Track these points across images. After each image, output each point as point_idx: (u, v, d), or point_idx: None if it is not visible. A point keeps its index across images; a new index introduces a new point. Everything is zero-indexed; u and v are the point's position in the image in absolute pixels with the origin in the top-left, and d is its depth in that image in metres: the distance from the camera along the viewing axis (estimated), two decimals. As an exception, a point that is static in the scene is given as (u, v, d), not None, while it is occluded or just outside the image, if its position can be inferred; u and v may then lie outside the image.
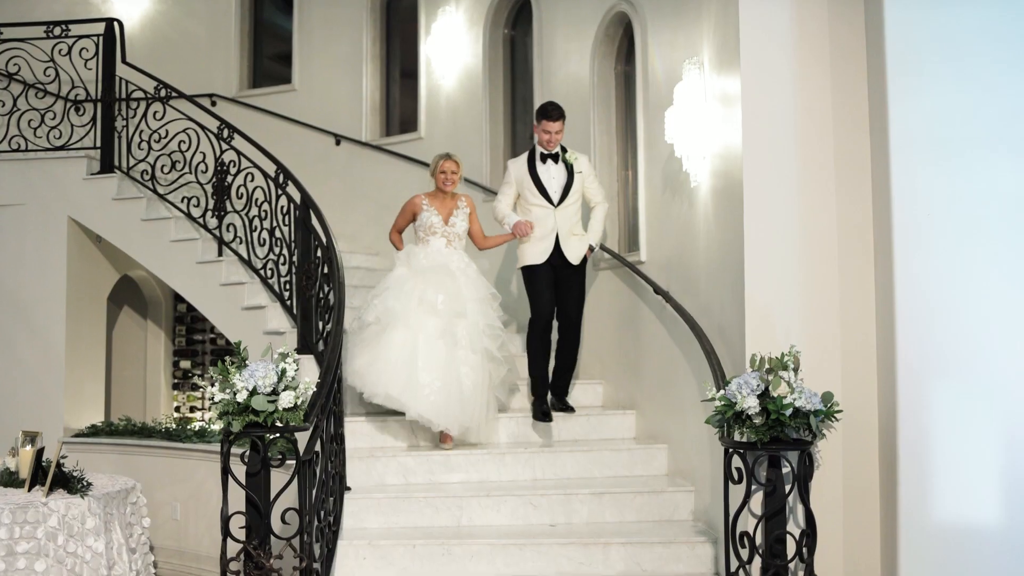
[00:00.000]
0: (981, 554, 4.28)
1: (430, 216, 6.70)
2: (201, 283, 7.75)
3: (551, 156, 6.75)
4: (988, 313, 4.38)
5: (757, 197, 4.92)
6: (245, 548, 4.59)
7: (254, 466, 4.62)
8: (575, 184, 6.74)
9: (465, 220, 6.78)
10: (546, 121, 6.68)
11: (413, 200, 6.83)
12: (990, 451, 4.33)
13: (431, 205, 6.75)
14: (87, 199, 8.27)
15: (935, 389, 4.39)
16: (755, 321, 4.82)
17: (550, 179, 6.72)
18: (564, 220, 6.68)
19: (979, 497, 4.31)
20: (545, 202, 6.68)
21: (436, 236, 6.68)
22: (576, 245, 6.70)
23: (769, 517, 4.45)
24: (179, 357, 9.97)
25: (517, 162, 6.90)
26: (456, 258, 6.67)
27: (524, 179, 6.76)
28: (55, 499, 6.04)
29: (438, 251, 6.65)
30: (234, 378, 4.53)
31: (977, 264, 4.42)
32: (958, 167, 4.49)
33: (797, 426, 4.33)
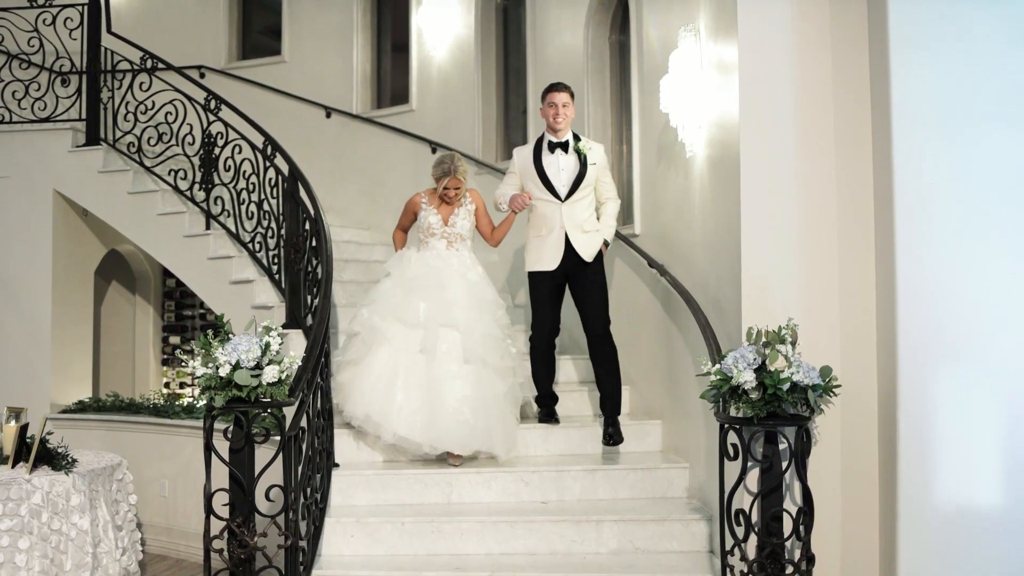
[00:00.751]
0: (982, 535, 4.18)
1: (428, 216, 6.17)
2: (188, 257, 7.64)
3: (561, 145, 6.10)
4: (991, 289, 4.26)
5: (754, 167, 4.79)
6: (228, 526, 4.49)
7: (237, 442, 4.52)
8: (588, 176, 6.07)
9: (468, 219, 6.20)
10: (551, 92, 6.08)
11: (413, 199, 6.33)
12: (992, 431, 4.22)
13: (431, 204, 6.20)
14: (72, 172, 8.15)
15: (936, 365, 4.28)
16: (752, 294, 4.70)
17: (558, 171, 6.08)
18: (574, 216, 6.05)
19: (980, 478, 4.21)
20: (550, 196, 6.06)
21: (435, 238, 6.16)
22: (588, 242, 6.08)
23: (765, 494, 4.35)
24: (168, 332, 9.87)
25: (522, 151, 6.29)
26: (456, 261, 6.12)
27: (528, 169, 6.15)
28: (39, 476, 5.96)
29: (436, 255, 6.12)
30: (216, 352, 4.42)
31: (981, 240, 4.28)
32: (963, 140, 4.35)
33: (794, 401, 4.22)
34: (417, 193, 6.33)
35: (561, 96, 6.06)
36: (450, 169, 6.07)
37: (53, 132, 8.22)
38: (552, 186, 6.07)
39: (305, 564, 4.88)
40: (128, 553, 6.51)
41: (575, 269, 6.08)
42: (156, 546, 7.61)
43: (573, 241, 6.03)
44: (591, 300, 6.10)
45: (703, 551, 5.24)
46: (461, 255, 6.16)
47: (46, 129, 8.22)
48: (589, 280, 6.10)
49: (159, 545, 7.62)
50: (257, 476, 4.55)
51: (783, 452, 4.38)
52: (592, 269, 6.10)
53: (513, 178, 6.25)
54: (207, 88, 7.81)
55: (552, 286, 6.12)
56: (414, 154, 8.92)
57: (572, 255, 6.04)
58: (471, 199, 6.25)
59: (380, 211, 9.10)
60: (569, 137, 6.12)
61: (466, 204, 6.21)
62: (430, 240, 6.16)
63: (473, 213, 6.24)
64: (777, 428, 4.33)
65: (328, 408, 5.55)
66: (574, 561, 5.14)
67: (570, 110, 6.08)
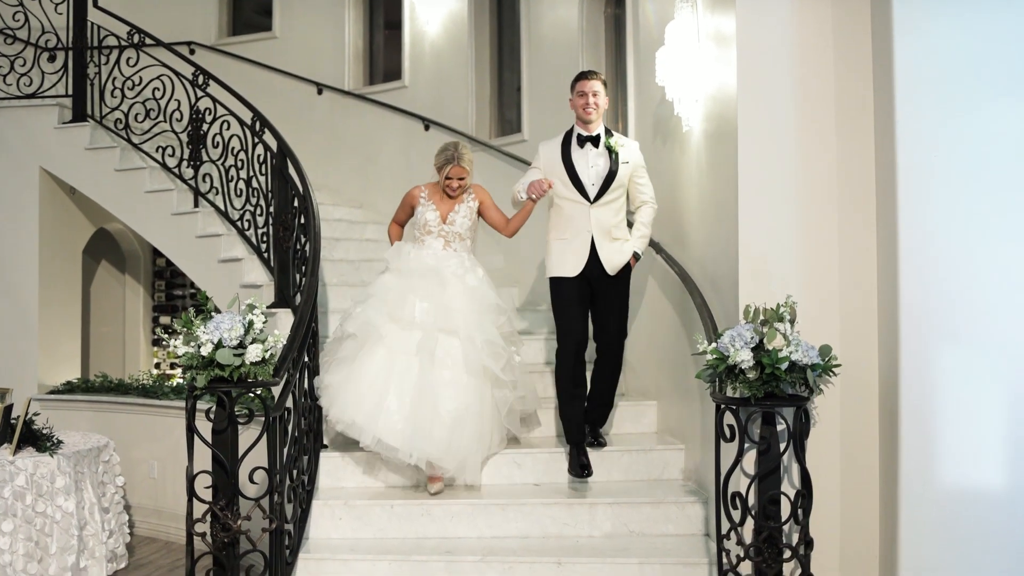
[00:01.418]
0: (985, 517, 4.08)
1: (426, 212, 5.66)
2: (177, 235, 7.50)
3: (591, 140, 5.48)
4: (996, 267, 4.14)
5: (752, 141, 4.66)
6: (211, 508, 4.38)
7: (220, 423, 4.41)
8: (619, 176, 5.46)
9: (470, 216, 5.68)
10: (582, 80, 5.48)
11: (411, 192, 5.80)
12: (996, 411, 4.12)
13: (430, 199, 5.70)
14: (59, 149, 8.01)
15: (939, 344, 4.16)
16: (749, 272, 4.58)
17: (587, 167, 5.45)
18: (602, 220, 5.45)
19: (983, 459, 4.11)
20: (579, 196, 5.44)
21: (432, 236, 5.65)
22: (616, 252, 5.48)
23: (762, 477, 4.24)
24: (159, 313, 9.76)
25: (548, 144, 5.66)
26: (454, 262, 5.62)
27: (555, 165, 5.51)
28: (22, 457, 5.87)
29: (432, 253, 5.62)
30: (198, 330, 4.30)
31: (986, 216, 4.16)
32: (968, 113, 4.22)
33: (793, 381, 4.11)
34: (416, 186, 5.82)
35: (592, 84, 5.45)
36: (453, 156, 5.58)
37: (39, 108, 8.07)
38: (581, 184, 5.45)
39: (291, 547, 4.79)
40: (115, 536, 6.42)
41: (599, 281, 5.52)
42: (145, 528, 7.51)
43: (599, 249, 5.44)
44: (612, 309, 5.57)
45: (699, 534, 5.14)
46: (460, 256, 5.66)
47: (32, 105, 8.08)
48: (612, 291, 5.57)
49: (148, 527, 7.53)
50: (241, 458, 4.45)
51: (781, 433, 4.27)
52: (617, 281, 5.55)
53: (536, 174, 5.58)
54: (195, 63, 7.66)
55: (576, 293, 5.51)
56: (407, 131, 8.80)
57: (597, 263, 5.47)
58: (474, 195, 5.73)
59: (372, 189, 8.99)
60: (601, 131, 5.51)
61: (467, 201, 5.70)
62: (426, 239, 5.67)
63: (475, 211, 5.72)
64: (775, 409, 4.22)
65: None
66: (567, 544, 5.04)
67: (602, 99, 5.47)
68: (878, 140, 4.51)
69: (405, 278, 5.52)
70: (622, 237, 5.53)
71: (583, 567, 4.81)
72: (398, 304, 5.42)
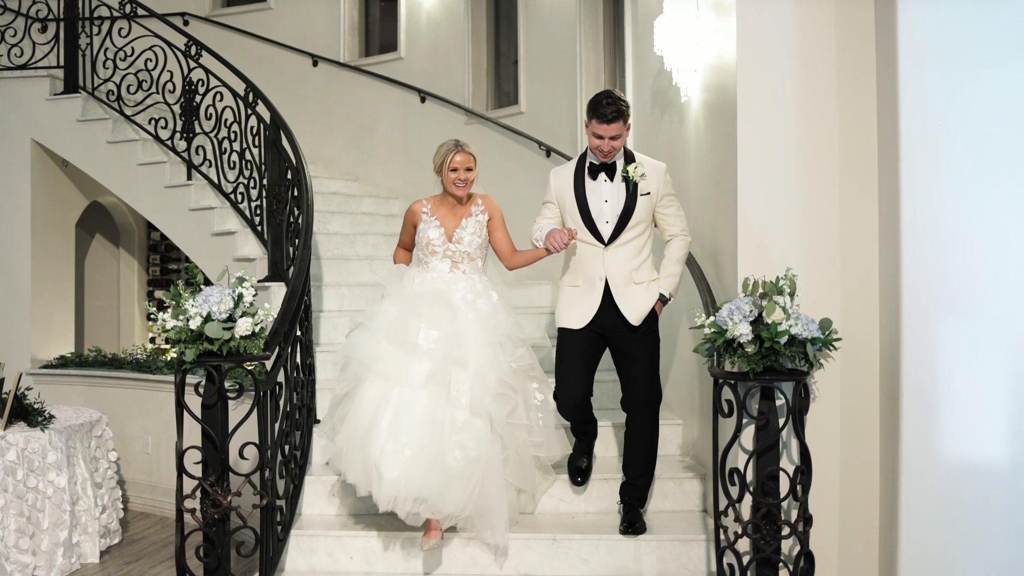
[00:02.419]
0: (987, 492, 4.01)
1: (429, 229, 4.96)
2: (170, 208, 7.43)
3: (606, 168, 4.75)
4: (1000, 238, 4.05)
5: (752, 111, 4.57)
6: (201, 484, 4.32)
7: (209, 398, 4.33)
8: (638, 211, 4.71)
9: (479, 232, 4.96)
10: (597, 122, 4.64)
11: (411, 208, 5.10)
12: (999, 385, 4.04)
13: (433, 214, 4.99)
14: (51, 120, 7.93)
15: (942, 317, 4.08)
16: (748, 244, 4.51)
17: (600, 203, 4.74)
18: (619, 264, 4.73)
19: (986, 434, 4.03)
20: (591, 237, 4.74)
21: (437, 257, 4.95)
22: (638, 297, 4.74)
23: (761, 453, 4.17)
24: (153, 287, 9.69)
25: (560, 173, 4.91)
26: (463, 285, 4.91)
27: (566, 200, 4.81)
28: (13, 432, 5.81)
29: (438, 277, 4.93)
30: (186, 304, 4.22)
31: (990, 186, 4.06)
32: (973, 80, 4.10)
33: (792, 355, 4.03)
34: (417, 200, 5.13)
35: (611, 128, 4.63)
36: (455, 145, 4.94)
37: (30, 79, 7.98)
38: (594, 223, 4.73)
39: (283, 524, 4.73)
40: (108, 511, 6.37)
41: (619, 333, 4.79)
42: (139, 504, 7.47)
43: (617, 297, 4.72)
44: (637, 368, 4.81)
45: (696, 510, 5.09)
46: (470, 279, 4.95)
47: (23, 76, 7.99)
48: (636, 344, 4.79)
49: (142, 503, 7.48)
50: (231, 433, 4.38)
51: (780, 409, 4.20)
52: (641, 331, 4.79)
53: (551, 209, 4.88)
54: (188, 34, 7.55)
55: (582, 349, 4.83)
56: (403, 103, 8.70)
57: (613, 313, 4.75)
58: (483, 206, 5.02)
59: (368, 162, 8.91)
60: (618, 157, 4.75)
61: (476, 214, 4.99)
62: (430, 260, 4.96)
63: (485, 225, 5.00)
64: (774, 383, 4.14)
65: (309, 363, 5.37)
66: (562, 521, 5.00)
67: (620, 142, 4.69)
68: (881, 110, 4.41)
69: (408, 303, 4.83)
70: (646, 280, 4.78)
71: (578, 543, 4.76)
72: (399, 327, 4.74)
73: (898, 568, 4.09)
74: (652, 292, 4.77)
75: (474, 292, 4.92)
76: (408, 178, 8.54)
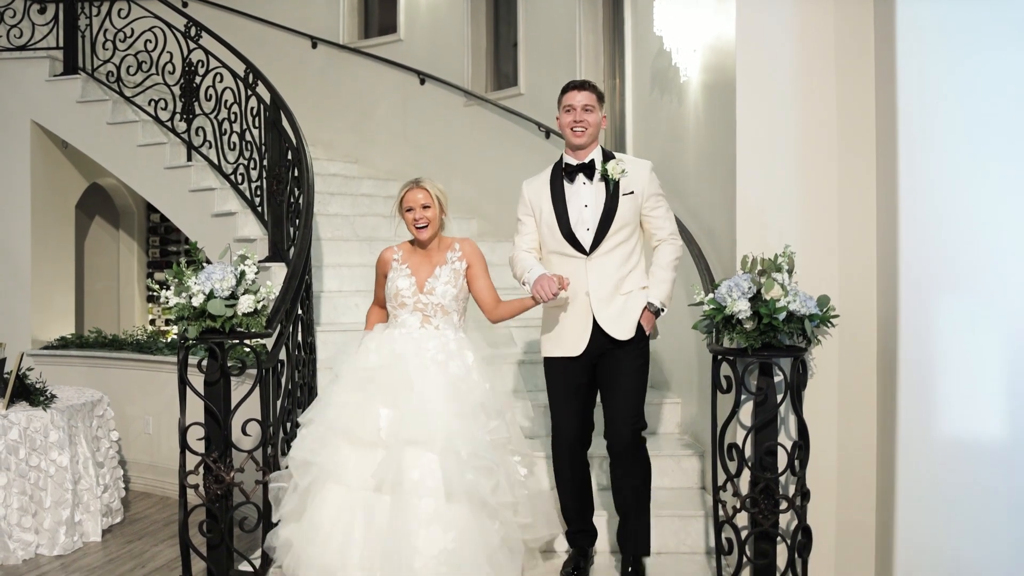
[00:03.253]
0: (983, 467, 4.05)
1: (398, 278, 4.41)
2: (170, 189, 7.44)
3: (584, 169, 4.30)
4: (997, 215, 4.08)
5: (751, 91, 4.60)
6: (204, 460, 4.36)
7: (212, 375, 4.37)
8: (620, 213, 4.24)
9: (454, 281, 4.39)
10: (568, 92, 4.32)
11: (381, 256, 4.56)
12: (996, 361, 4.07)
13: (405, 262, 4.46)
14: (50, 102, 7.93)
15: (939, 294, 4.12)
16: (747, 222, 4.54)
17: (579, 208, 4.27)
18: (605, 275, 4.25)
19: (983, 409, 4.07)
20: (571, 248, 4.28)
21: (406, 310, 4.38)
22: (623, 308, 4.27)
23: (759, 428, 4.21)
24: (153, 269, 9.71)
25: (533, 183, 4.46)
26: (434, 344, 4.31)
27: (542, 209, 4.35)
28: (16, 412, 5.84)
29: (406, 334, 4.34)
30: (189, 281, 4.25)
31: (987, 164, 4.08)
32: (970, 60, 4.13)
33: (790, 331, 4.06)
34: (388, 247, 4.59)
35: (581, 96, 4.29)
36: (412, 181, 4.45)
37: (29, 61, 7.99)
38: (572, 231, 4.27)
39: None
40: (110, 490, 6.41)
41: (602, 348, 4.30)
42: (140, 484, 7.51)
43: (598, 311, 4.24)
44: (620, 389, 4.31)
45: (695, 487, 5.13)
46: (443, 336, 4.36)
47: (22, 58, 7.99)
48: (621, 362, 4.31)
49: (144, 483, 7.52)
50: (233, 410, 4.41)
51: (778, 385, 4.24)
52: (628, 349, 4.29)
53: (528, 225, 4.43)
54: (187, 15, 7.55)
55: (576, 378, 4.35)
56: (403, 85, 8.70)
57: (602, 332, 4.28)
58: (460, 252, 4.46)
59: (368, 144, 8.92)
60: (597, 156, 4.33)
61: (452, 261, 4.43)
62: (400, 313, 4.40)
63: (462, 274, 4.43)
64: (772, 359, 4.17)
65: (311, 342, 5.40)
66: None
67: (595, 117, 4.30)
68: (879, 90, 4.44)
69: (362, 385, 4.24)
70: (631, 290, 4.29)
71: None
72: (357, 419, 4.17)
73: (894, 542, 4.14)
74: (639, 300, 4.27)
75: (446, 352, 4.30)
76: (408, 160, 8.55)
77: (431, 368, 4.21)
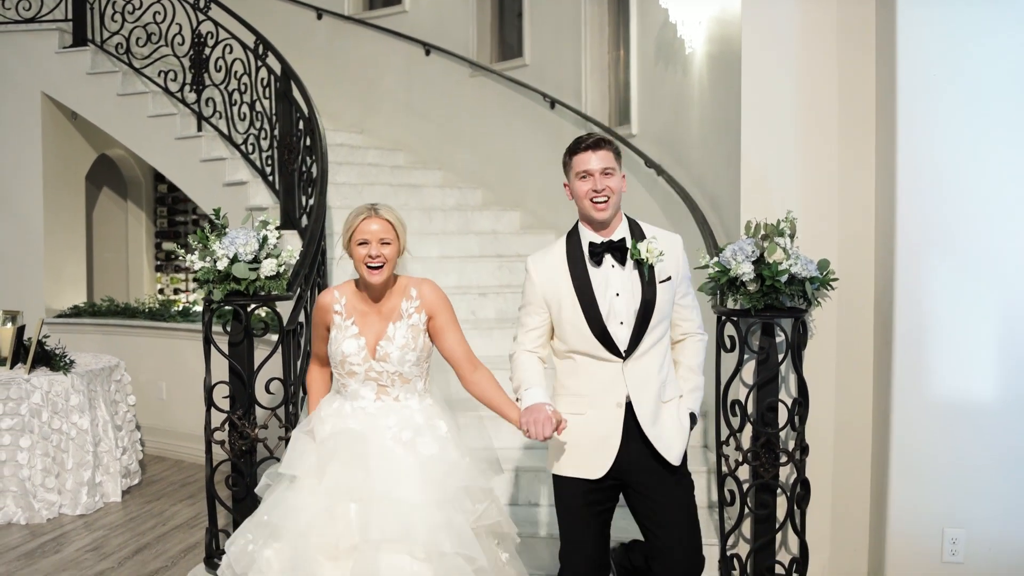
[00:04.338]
0: (975, 425, 4.23)
1: (343, 339, 3.43)
2: (181, 159, 7.57)
3: (612, 248, 3.39)
4: (991, 182, 4.24)
5: (755, 62, 4.72)
6: (230, 418, 4.53)
7: (236, 336, 4.53)
8: (660, 304, 3.39)
9: (413, 343, 3.42)
10: (580, 154, 3.36)
11: (320, 301, 3.53)
12: (988, 326, 4.24)
13: (349, 315, 3.46)
14: (60, 74, 8.04)
15: (934, 258, 4.27)
16: (750, 189, 4.68)
17: (610, 297, 3.36)
18: (645, 379, 3.38)
19: (975, 370, 4.24)
20: (603, 349, 3.36)
21: (357, 379, 3.43)
22: (673, 425, 3.41)
23: (761, 386, 4.39)
24: (161, 239, 9.83)
25: (543, 260, 3.48)
26: (395, 419, 3.41)
27: (561, 297, 3.39)
28: (38, 376, 6.01)
29: (359, 410, 3.43)
30: (214, 245, 4.41)
31: (983, 132, 4.24)
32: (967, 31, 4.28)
33: (792, 293, 4.23)
34: (327, 290, 3.57)
35: (596, 158, 3.34)
36: (366, 209, 3.43)
37: (39, 33, 8.09)
38: (606, 329, 3.34)
39: (306, 456, 4.93)
40: (128, 452, 6.59)
41: (641, 472, 3.39)
42: (154, 448, 7.68)
43: (648, 428, 3.35)
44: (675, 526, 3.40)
45: (697, 446, 5.30)
46: (405, 408, 3.45)
47: (32, 30, 8.10)
48: (669, 489, 3.40)
49: (157, 447, 7.70)
50: (257, 369, 4.58)
51: (779, 345, 4.41)
52: (677, 472, 3.41)
53: (535, 319, 3.47)
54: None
55: (595, 503, 3.44)
56: (407, 56, 8.79)
57: (635, 449, 3.36)
58: (418, 301, 3.46)
59: (373, 115, 9.02)
60: (623, 231, 3.45)
61: (407, 314, 3.44)
62: (349, 383, 3.46)
63: (423, 329, 3.46)
64: (774, 320, 4.35)
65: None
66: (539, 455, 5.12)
67: (616, 181, 3.38)
68: (879, 59, 4.58)
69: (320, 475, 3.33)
70: (672, 397, 3.47)
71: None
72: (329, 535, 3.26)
73: (888, 493, 4.33)
74: (684, 415, 3.47)
75: (412, 427, 3.41)
76: (413, 130, 8.67)
77: (396, 450, 3.35)
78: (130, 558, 5.22)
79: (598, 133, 3.47)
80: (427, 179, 8.21)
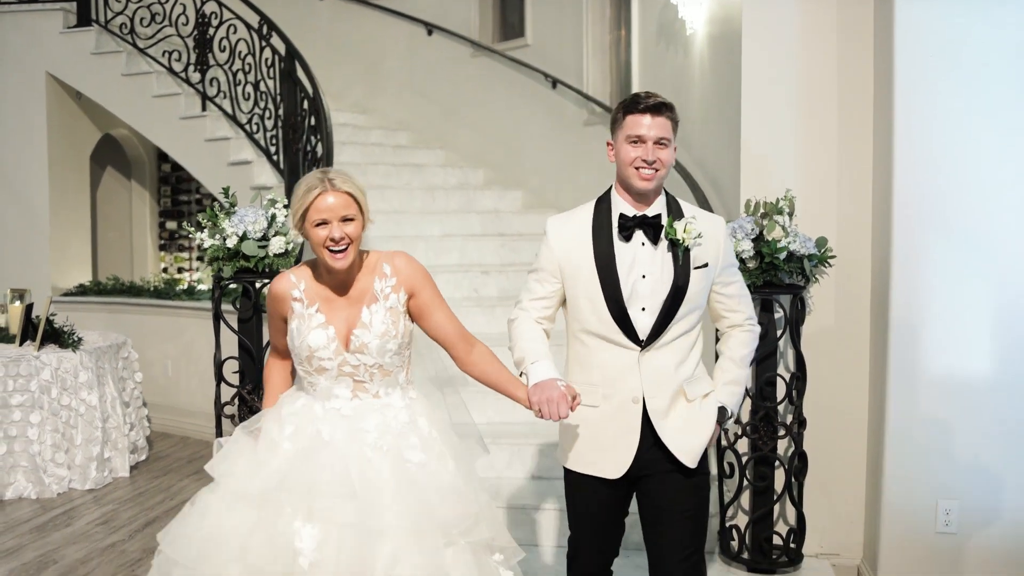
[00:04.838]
0: (969, 401, 4.30)
1: (308, 329, 2.87)
2: (185, 139, 7.63)
3: (646, 225, 3.01)
4: (988, 164, 4.30)
5: (755, 42, 4.78)
6: (239, 392, 4.61)
7: (246, 312, 4.62)
8: (691, 291, 3.02)
9: (394, 328, 2.87)
10: (636, 114, 2.96)
11: (274, 288, 2.96)
12: (984, 304, 4.30)
13: (312, 301, 2.89)
14: (65, 54, 8.10)
15: (931, 237, 4.33)
16: (750, 168, 4.75)
17: (634, 279, 3.00)
18: (662, 375, 3.03)
19: (970, 347, 4.31)
20: (619, 334, 3.01)
21: (328, 375, 2.88)
22: (692, 423, 3.06)
23: (760, 360, 4.47)
24: (165, 218, 9.90)
25: (566, 224, 3.12)
26: (375, 422, 2.86)
27: (579, 268, 3.05)
28: (47, 353, 6.09)
29: (334, 412, 2.87)
30: (223, 223, 4.48)
31: (980, 114, 4.29)
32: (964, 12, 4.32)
33: (790, 270, 4.32)
34: (282, 274, 2.99)
35: (656, 124, 2.95)
36: (319, 181, 2.81)
37: (43, 13, 8.15)
38: (627, 312, 3.00)
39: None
40: (136, 429, 6.68)
41: (655, 473, 3.07)
42: (159, 425, 7.78)
43: (660, 426, 3.02)
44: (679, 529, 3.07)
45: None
46: (387, 406, 2.90)
47: (36, 10, 8.16)
48: (680, 493, 3.07)
49: (163, 424, 7.79)
50: (265, 345, 4.66)
51: (778, 321, 4.50)
52: (691, 474, 3.06)
53: (546, 286, 3.12)
54: (198, -33, 7.70)
55: (607, 503, 3.16)
56: (410, 37, 8.83)
57: (652, 449, 3.05)
58: (394, 279, 2.90)
59: (376, 94, 9.06)
60: (661, 207, 3.07)
61: (383, 294, 2.89)
62: (318, 381, 2.90)
63: (403, 310, 2.92)
64: (773, 296, 4.44)
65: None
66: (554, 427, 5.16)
67: (669, 155, 3.00)
68: (877, 39, 4.63)
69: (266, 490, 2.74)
70: (699, 395, 3.10)
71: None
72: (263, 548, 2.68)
73: (884, 465, 4.41)
74: (709, 413, 3.09)
75: (395, 430, 2.86)
76: (415, 110, 8.71)
77: (374, 459, 2.79)
78: (139, 531, 5.32)
79: (659, 96, 2.99)
80: (430, 159, 8.27)
